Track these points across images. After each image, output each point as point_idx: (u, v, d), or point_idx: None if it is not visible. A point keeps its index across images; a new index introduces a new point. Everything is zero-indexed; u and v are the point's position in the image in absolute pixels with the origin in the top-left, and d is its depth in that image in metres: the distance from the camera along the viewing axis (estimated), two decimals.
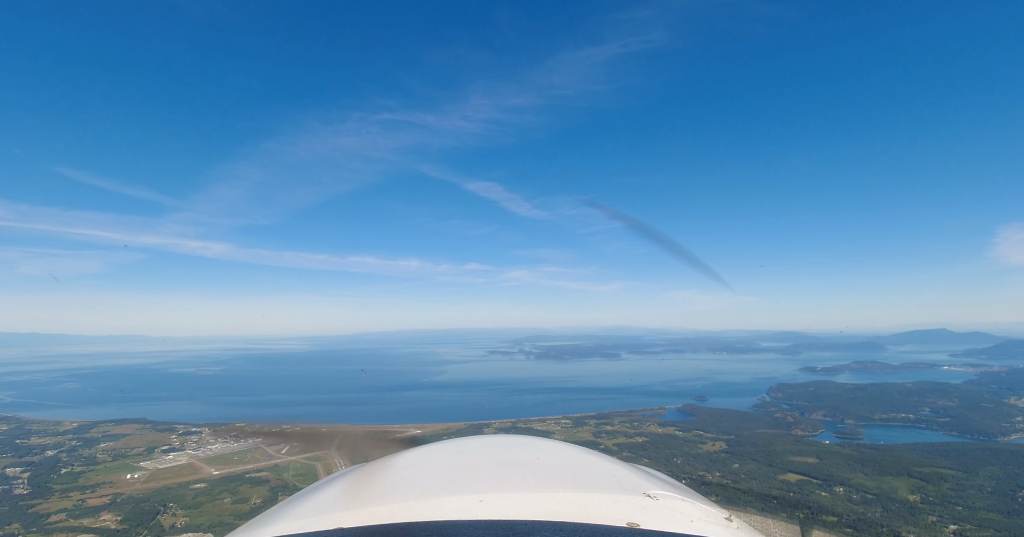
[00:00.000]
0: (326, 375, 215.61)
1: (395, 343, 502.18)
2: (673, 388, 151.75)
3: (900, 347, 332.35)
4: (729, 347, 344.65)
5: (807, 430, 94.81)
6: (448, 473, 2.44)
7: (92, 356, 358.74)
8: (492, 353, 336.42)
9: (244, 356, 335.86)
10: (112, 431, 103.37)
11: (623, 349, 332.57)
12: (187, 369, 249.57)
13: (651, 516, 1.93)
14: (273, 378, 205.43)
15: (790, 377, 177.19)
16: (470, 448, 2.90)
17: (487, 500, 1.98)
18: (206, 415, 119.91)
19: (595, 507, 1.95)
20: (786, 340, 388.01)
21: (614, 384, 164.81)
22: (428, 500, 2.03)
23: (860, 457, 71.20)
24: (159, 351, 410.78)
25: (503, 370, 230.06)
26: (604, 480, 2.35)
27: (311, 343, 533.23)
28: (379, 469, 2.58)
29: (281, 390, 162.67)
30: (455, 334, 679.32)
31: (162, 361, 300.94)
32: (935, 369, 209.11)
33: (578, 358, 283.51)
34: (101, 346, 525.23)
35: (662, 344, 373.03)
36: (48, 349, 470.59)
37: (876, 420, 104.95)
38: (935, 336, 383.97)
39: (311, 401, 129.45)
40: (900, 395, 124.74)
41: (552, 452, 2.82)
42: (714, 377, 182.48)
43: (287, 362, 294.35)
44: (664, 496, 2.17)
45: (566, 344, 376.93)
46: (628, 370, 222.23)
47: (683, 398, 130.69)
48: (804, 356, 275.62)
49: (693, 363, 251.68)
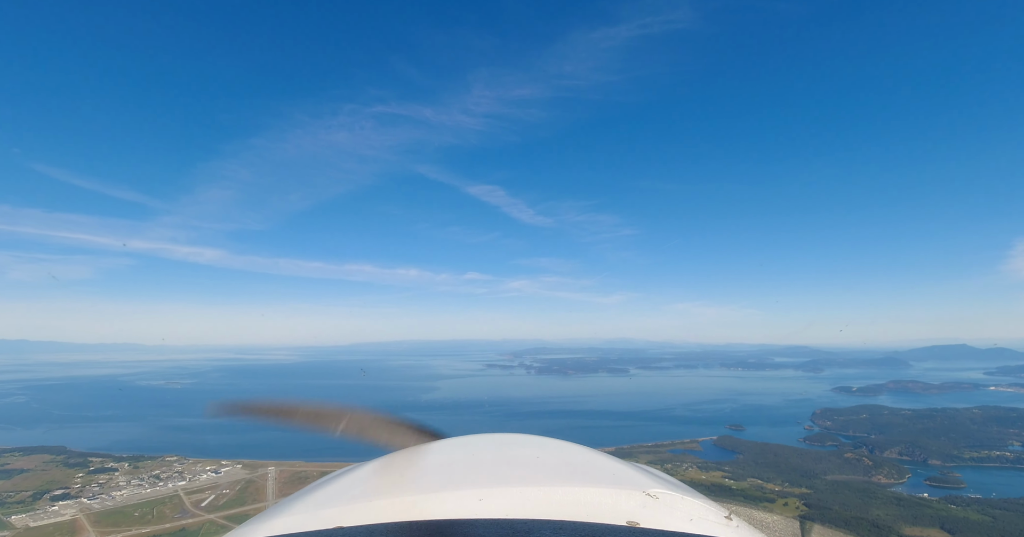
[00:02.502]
0: (309, 391, 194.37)
1: (390, 355, 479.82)
2: (698, 413, 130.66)
3: (923, 363, 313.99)
4: (742, 362, 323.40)
5: (891, 476, 74.15)
6: (448, 471, 2.41)
7: (69, 365, 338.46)
8: (490, 366, 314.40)
9: (224, 367, 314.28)
10: (14, 464, 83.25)
11: (630, 363, 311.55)
12: (156, 382, 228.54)
13: (651, 514, 1.91)
14: (246, 394, 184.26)
15: (827, 399, 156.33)
16: (470, 446, 2.87)
17: (487, 498, 1.97)
18: (140, 442, 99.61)
19: (595, 505, 1.94)
20: (799, 355, 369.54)
21: (629, 406, 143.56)
22: (428, 498, 2.02)
23: (998, 526, 50.56)
24: (140, 361, 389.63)
25: (501, 387, 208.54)
26: (604, 478, 2.33)
27: (303, 354, 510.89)
28: (378, 467, 2.55)
29: None
30: (453, 345, 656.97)
31: (136, 372, 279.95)
32: (980, 390, 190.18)
33: (582, 373, 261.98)
34: (87, 354, 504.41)
35: (670, 358, 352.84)
36: (31, 357, 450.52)
37: (966, 460, 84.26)
38: (956, 352, 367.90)
39: (270, 428, 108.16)
40: (974, 425, 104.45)
41: (552, 450, 2.81)
42: (740, 399, 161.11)
43: (270, 375, 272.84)
44: (664, 494, 2.15)
45: (568, 357, 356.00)
46: (640, 388, 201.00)
47: (715, 427, 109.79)
48: (828, 373, 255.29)
49: (709, 380, 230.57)
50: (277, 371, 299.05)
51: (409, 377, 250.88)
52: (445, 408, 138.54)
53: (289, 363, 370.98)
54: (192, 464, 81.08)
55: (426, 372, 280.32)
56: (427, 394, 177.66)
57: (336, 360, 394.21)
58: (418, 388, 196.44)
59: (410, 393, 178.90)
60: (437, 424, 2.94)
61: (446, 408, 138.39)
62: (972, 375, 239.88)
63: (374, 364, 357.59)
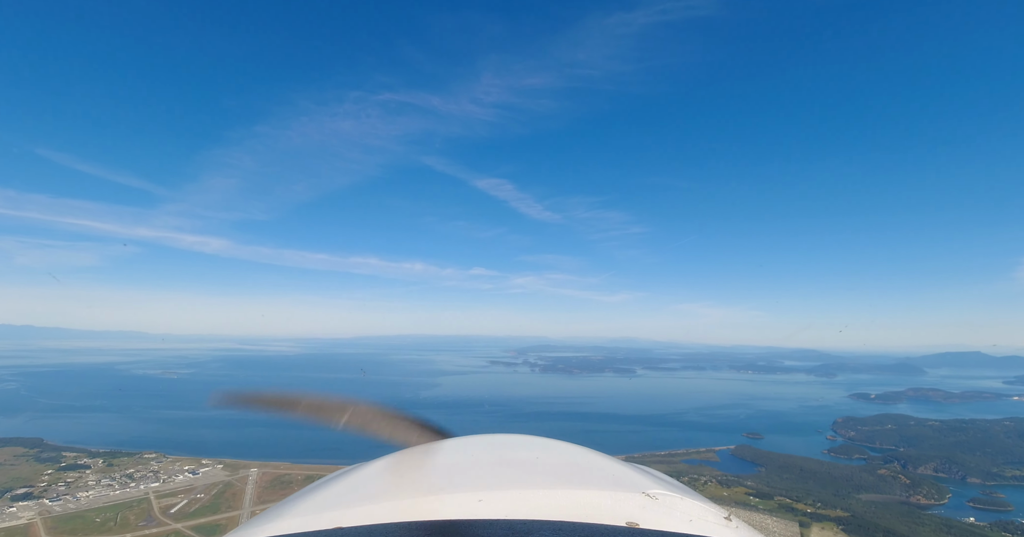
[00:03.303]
0: (309, 384, 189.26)
1: (393, 349, 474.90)
2: (712, 418, 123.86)
3: (938, 370, 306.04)
4: (751, 365, 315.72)
5: (931, 496, 67.53)
6: (447, 472, 2.40)
7: (70, 352, 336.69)
8: (494, 363, 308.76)
9: (226, 357, 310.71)
10: None
11: (636, 363, 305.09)
12: (154, 371, 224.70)
13: (650, 515, 1.90)
14: (244, 385, 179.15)
15: (846, 407, 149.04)
16: (469, 447, 2.83)
17: (486, 499, 1.96)
18: (121, 435, 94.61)
19: (594, 506, 1.93)
20: (809, 358, 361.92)
21: (637, 409, 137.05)
22: (427, 499, 2.01)
23: None
24: (141, 349, 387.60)
25: (504, 385, 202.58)
26: (603, 479, 2.32)
27: (305, 346, 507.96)
28: (378, 468, 2.54)
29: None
30: (457, 341, 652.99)
31: (135, 360, 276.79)
32: (1003, 400, 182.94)
33: (588, 372, 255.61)
34: (90, 342, 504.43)
35: (676, 359, 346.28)
36: (36, 343, 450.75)
37: (1008, 478, 77.35)
38: (971, 359, 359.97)
39: (259, 424, 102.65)
40: (1009, 438, 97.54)
41: (551, 451, 2.79)
42: (754, 404, 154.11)
43: (271, 366, 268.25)
44: (663, 495, 2.15)
45: (573, 356, 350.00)
46: (648, 390, 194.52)
47: (731, 435, 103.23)
48: (841, 379, 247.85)
49: (720, 383, 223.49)
50: (278, 362, 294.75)
51: (411, 373, 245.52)
52: (446, 407, 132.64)
53: (291, 355, 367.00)
54: (171, 462, 75.67)
55: (428, 368, 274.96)
56: (427, 391, 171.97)
57: (338, 353, 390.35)
58: (419, 384, 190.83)
59: (410, 389, 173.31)
60: (436, 424, 2.95)
61: (447, 407, 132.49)
62: (990, 384, 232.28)
63: (376, 358, 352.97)
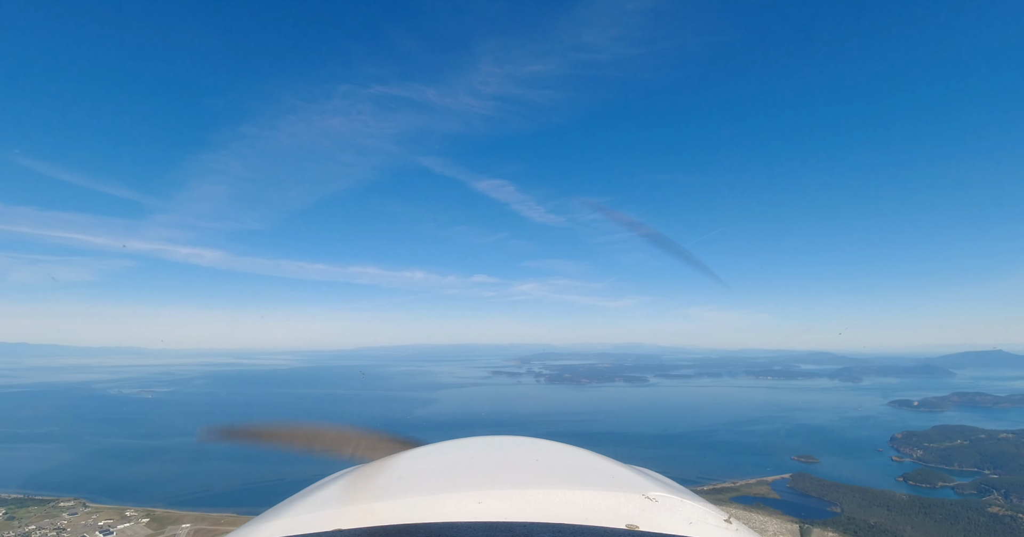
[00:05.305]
0: (297, 402, 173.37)
1: (393, 360, 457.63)
2: (747, 436, 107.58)
3: (963, 371, 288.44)
4: (768, 370, 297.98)
5: None
6: (447, 474, 2.40)
7: (52, 370, 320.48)
8: (496, 373, 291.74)
9: (214, 373, 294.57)
10: None
11: (646, 371, 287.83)
12: (131, 390, 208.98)
13: (650, 517, 1.90)
14: (224, 406, 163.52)
15: (892, 417, 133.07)
16: (469, 448, 2.84)
17: (486, 501, 1.96)
18: (48, 474, 79.40)
19: (594, 508, 1.93)
20: (825, 362, 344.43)
21: (658, 426, 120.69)
22: (427, 501, 2.01)
23: None
24: (128, 366, 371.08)
25: (507, 399, 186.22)
26: (603, 481, 2.31)
27: (303, 358, 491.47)
28: (378, 469, 2.53)
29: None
30: (459, 350, 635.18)
31: (117, 378, 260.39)
32: None
33: (597, 382, 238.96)
34: (81, 358, 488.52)
35: (688, 365, 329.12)
36: (24, 361, 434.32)
37: None
38: (994, 359, 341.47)
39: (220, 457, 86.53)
40: None
41: (551, 453, 2.78)
42: (789, 416, 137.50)
43: (260, 382, 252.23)
44: (663, 497, 2.14)
45: (579, 364, 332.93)
46: (665, 401, 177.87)
47: (778, 458, 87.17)
48: (868, 383, 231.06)
49: (741, 392, 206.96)
50: (269, 378, 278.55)
51: (406, 387, 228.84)
52: (441, 427, 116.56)
53: (285, 369, 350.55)
54: (86, 515, 60.06)
55: (426, 380, 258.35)
56: (422, 408, 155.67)
57: (336, 365, 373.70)
58: (413, 400, 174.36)
59: (403, 406, 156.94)
60: None
61: (442, 427, 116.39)
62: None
63: (373, 370, 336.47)
